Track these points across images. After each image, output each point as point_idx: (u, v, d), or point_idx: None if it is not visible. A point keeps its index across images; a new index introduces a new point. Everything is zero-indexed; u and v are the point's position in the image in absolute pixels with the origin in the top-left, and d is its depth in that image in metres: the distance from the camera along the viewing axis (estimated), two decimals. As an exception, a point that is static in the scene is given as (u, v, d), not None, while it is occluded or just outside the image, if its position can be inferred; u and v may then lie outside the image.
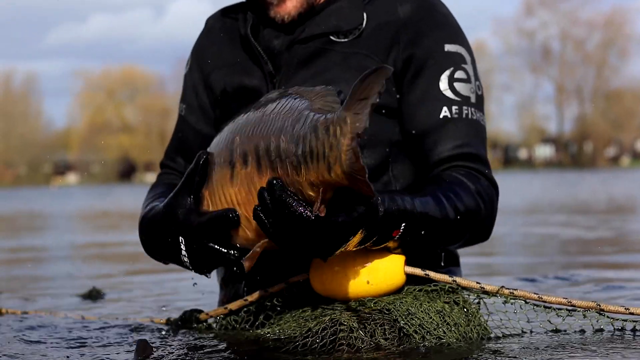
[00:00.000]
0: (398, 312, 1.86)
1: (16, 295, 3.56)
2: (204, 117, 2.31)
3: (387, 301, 1.89)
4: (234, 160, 1.79)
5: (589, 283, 3.37)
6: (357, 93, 1.57)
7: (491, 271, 4.11)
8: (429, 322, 1.87)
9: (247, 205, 1.77)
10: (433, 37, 2.10)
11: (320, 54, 2.13)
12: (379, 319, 1.84)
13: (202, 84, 2.31)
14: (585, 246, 5.52)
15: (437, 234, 1.92)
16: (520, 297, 1.94)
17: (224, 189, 1.82)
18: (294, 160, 1.64)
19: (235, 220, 1.80)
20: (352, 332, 1.81)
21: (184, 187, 1.89)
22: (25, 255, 6.30)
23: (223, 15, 2.35)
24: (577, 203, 11.91)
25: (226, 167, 1.81)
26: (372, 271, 1.90)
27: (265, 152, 1.71)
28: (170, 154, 2.39)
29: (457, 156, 2.06)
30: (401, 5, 2.13)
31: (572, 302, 1.93)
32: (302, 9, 2.14)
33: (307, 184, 1.63)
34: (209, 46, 2.32)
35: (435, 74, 2.09)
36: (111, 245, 6.98)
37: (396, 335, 1.84)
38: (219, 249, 1.85)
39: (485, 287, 1.94)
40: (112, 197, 25.44)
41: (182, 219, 1.88)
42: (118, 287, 3.81)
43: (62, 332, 2.26)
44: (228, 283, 2.24)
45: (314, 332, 1.83)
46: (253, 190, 1.74)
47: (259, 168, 1.72)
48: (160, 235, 1.94)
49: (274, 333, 1.95)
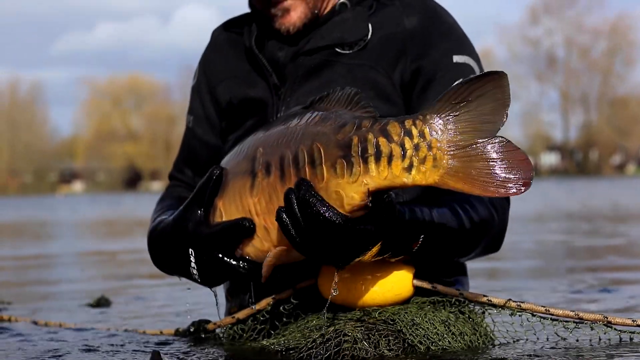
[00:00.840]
0: (403, 323, 1.86)
1: (24, 303, 3.57)
2: (212, 128, 2.32)
3: (392, 311, 1.89)
4: (255, 170, 1.79)
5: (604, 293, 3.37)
6: (453, 96, 1.58)
7: (502, 276, 4.11)
8: (433, 332, 1.87)
9: (266, 215, 1.78)
10: (441, 49, 2.10)
11: (325, 66, 2.13)
12: (383, 330, 1.84)
13: (208, 96, 2.33)
14: (597, 253, 5.52)
15: (453, 245, 1.92)
16: (528, 310, 1.94)
17: (242, 199, 1.83)
18: (340, 163, 1.64)
19: (249, 228, 1.81)
20: (356, 343, 1.81)
21: (194, 200, 1.91)
22: (32, 263, 6.31)
23: (228, 28, 2.36)
24: (585, 211, 11.89)
25: (246, 177, 1.82)
26: (381, 281, 1.90)
27: (292, 160, 1.71)
28: (179, 166, 2.41)
29: None
30: (407, 16, 2.12)
31: (580, 315, 1.94)
32: (306, 20, 2.14)
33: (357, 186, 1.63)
34: (215, 58, 2.34)
35: (445, 86, 2.06)
36: (119, 253, 6.99)
37: (400, 346, 1.83)
38: (228, 261, 1.87)
39: (493, 300, 1.95)
40: (118, 205, 25.47)
41: (192, 231, 1.90)
42: (126, 295, 3.82)
43: (72, 343, 2.26)
44: (234, 295, 2.24)
45: (318, 343, 1.83)
46: (275, 199, 1.74)
47: (282, 177, 1.73)
48: (169, 248, 1.96)
49: (279, 344, 1.95)
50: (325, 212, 1.64)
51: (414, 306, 1.93)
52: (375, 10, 2.15)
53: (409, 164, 1.60)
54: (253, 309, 2.07)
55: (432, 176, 1.59)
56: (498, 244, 2.07)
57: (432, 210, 1.86)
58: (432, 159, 1.58)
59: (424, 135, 1.59)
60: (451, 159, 1.58)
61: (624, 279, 3.95)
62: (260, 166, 1.78)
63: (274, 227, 1.77)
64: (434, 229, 1.84)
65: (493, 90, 1.58)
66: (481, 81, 1.58)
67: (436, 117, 1.59)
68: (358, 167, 1.63)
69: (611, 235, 7.19)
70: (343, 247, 1.68)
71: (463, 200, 1.96)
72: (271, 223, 1.77)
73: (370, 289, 1.90)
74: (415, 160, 1.59)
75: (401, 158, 1.60)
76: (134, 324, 2.74)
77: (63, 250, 7.77)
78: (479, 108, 1.58)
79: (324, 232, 1.65)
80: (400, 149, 1.60)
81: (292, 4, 2.12)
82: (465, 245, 1.96)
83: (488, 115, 1.58)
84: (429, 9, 2.14)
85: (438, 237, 1.85)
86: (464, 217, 1.92)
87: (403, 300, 1.93)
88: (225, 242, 1.85)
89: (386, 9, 2.14)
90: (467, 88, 1.58)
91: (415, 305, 1.93)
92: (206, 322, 2.19)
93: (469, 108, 1.58)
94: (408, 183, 1.61)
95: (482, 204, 1.99)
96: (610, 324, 1.94)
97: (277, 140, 1.77)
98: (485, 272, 4.39)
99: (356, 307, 1.92)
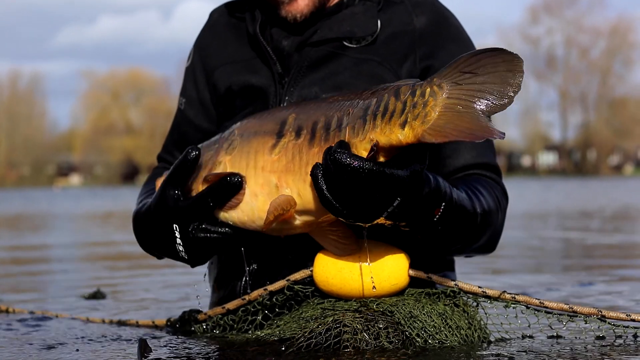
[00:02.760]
0: (401, 315, 1.86)
1: (21, 295, 3.56)
2: (204, 112, 2.31)
3: (390, 303, 1.89)
4: (283, 132, 1.83)
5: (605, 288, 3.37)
6: (461, 64, 1.61)
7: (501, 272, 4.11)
8: (431, 325, 1.87)
9: (282, 174, 1.81)
10: (450, 50, 2.13)
11: (332, 58, 2.13)
12: (382, 321, 1.84)
13: (204, 80, 2.31)
14: (596, 251, 5.52)
15: (465, 227, 1.91)
16: (522, 302, 1.94)
17: (257, 156, 1.86)
18: (358, 122, 1.70)
19: (237, 183, 1.85)
20: (356, 333, 1.80)
21: (169, 182, 1.95)
22: (30, 255, 6.31)
23: (228, 10, 2.34)
24: (584, 210, 11.90)
25: (269, 137, 1.85)
26: (377, 270, 1.90)
27: (324, 124, 1.76)
28: (168, 147, 2.40)
29: (473, 165, 2.11)
30: (417, 16, 2.15)
31: (574, 308, 1.94)
32: (313, 8, 2.14)
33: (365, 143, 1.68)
34: (213, 41, 2.32)
35: None
36: (115, 245, 6.99)
37: (400, 338, 1.83)
38: (213, 229, 1.91)
39: (487, 292, 1.95)
40: (116, 199, 25.46)
41: (172, 206, 1.93)
42: (121, 287, 3.82)
43: (67, 333, 2.27)
44: (221, 285, 2.23)
45: (318, 333, 1.81)
46: (297, 159, 1.78)
47: (311, 140, 1.77)
48: (154, 229, 1.98)
49: (274, 334, 1.94)
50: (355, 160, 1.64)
51: (410, 298, 1.92)
52: (383, 7, 2.16)
53: (404, 120, 1.64)
54: (244, 299, 2.06)
55: (419, 130, 1.62)
56: (496, 241, 2.08)
57: (451, 187, 1.86)
58: (424, 115, 1.62)
59: (424, 95, 1.64)
60: (438, 119, 1.61)
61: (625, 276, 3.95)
62: (290, 128, 1.83)
63: (286, 185, 1.81)
64: (453, 202, 1.83)
65: (504, 72, 1.60)
66: (494, 57, 1.61)
67: (441, 81, 1.64)
68: (369, 124, 1.69)
69: (610, 233, 7.19)
70: (375, 195, 1.66)
71: (474, 187, 1.98)
72: (285, 182, 1.81)
73: (367, 279, 1.90)
74: (409, 117, 1.64)
75: (399, 114, 1.65)
76: (128, 315, 2.74)
77: (59, 242, 7.76)
78: (485, 84, 1.61)
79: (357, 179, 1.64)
80: (402, 106, 1.66)
81: None
82: (473, 231, 1.95)
83: (491, 95, 1.60)
84: (437, 11, 2.18)
85: (454, 211, 1.84)
86: (476, 202, 1.94)
87: (399, 291, 1.93)
88: (209, 206, 1.88)
89: (395, 7, 2.16)
90: (478, 60, 1.61)
91: (412, 297, 1.93)
92: (197, 312, 2.18)
93: (474, 81, 1.61)
94: (402, 140, 1.65)
95: (491, 195, 2.01)
96: (604, 318, 1.94)
97: (314, 108, 1.83)
98: (482, 270, 4.39)
99: (352, 297, 1.92)
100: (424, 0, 2.18)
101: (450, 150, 2.10)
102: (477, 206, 1.93)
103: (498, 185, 2.11)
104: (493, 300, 1.95)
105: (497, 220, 2.03)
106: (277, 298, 2.02)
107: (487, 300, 1.96)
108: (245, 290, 2.12)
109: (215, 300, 2.25)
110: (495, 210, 2.02)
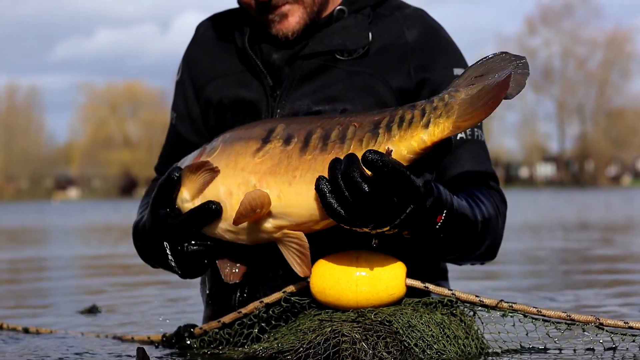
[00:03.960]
0: (399, 324, 1.85)
1: (16, 309, 3.55)
2: (193, 127, 2.31)
3: (388, 312, 1.88)
4: (270, 138, 1.85)
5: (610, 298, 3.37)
6: (472, 72, 1.71)
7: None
8: (429, 334, 1.86)
9: (264, 175, 1.83)
10: (442, 62, 2.15)
11: (323, 70, 2.13)
12: (381, 331, 1.82)
13: (193, 95, 2.30)
14: (594, 262, 5.52)
15: (465, 235, 1.92)
16: (520, 310, 1.93)
17: (238, 158, 1.87)
18: (367, 136, 1.74)
19: (216, 210, 1.88)
20: (355, 343, 1.78)
21: (156, 202, 1.99)
22: (26, 269, 6.29)
23: (215, 23, 2.33)
24: (582, 222, 11.90)
25: (254, 142, 1.87)
26: (374, 280, 1.89)
27: (322, 135, 1.78)
28: (163, 159, 2.41)
29: (472, 174, 2.11)
30: (408, 29, 2.16)
31: (572, 316, 1.93)
32: (304, 25, 2.13)
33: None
34: (202, 56, 2.31)
35: None
36: (112, 259, 6.97)
37: (399, 348, 1.82)
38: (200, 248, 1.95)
39: (485, 301, 1.94)
40: (114, 212, 25.44)
41: (162, 224, 1.97)
42: (117, 302, 3.81)
43: (61, 349, 2.25)
44: (215, 300, 2.22)
45: (316, 344, 1.80)
46: (284, 164, 1.80)
47: (304, 148, 1.79)
48: (148, 243, 2.03)
49: (272, 348, 1.92)
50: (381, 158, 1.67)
51: (408, 307, 1.92)
52: (373, 20, 2.17)
53: (426, 121, 1.70)
54: (240, 312, 2.05)
55: (446, 123, 1.68)
56: (496, 248, 2.08)
57: (452, 195, 1.88)
58: (447, 111, 1.69)
59: (444, 99, 1.71)
60: (460, 108, 1.68)
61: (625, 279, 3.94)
62: (278, 136, 1.84)
63: (267, 186, 1.82)
64: (454, 210, 1.85)
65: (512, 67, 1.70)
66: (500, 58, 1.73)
67: (457, 88, 1.71)
68: (383, 136, 1.72)
69: (608, 244, 7.19)
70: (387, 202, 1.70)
71: (474, 196, 2.00)
72: (265, 182, 1.82)
73: (364, 290, 1.89)
74: (432, 117, 1.69)
75: (420, 117, 1.70)
76: (124, 330, 2.72)
77: (56, 256, 7.75)
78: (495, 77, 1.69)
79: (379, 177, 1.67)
80: (421, 112, 1.71)
81: (290, 9, 2.11)
82: (474, 238, 1.95)
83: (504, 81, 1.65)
84: (428, 24, 2.19)
85: (456, 219, 1.85)
86: (476, 210, 1.95)
87: (397, 300, 1.93)
88: (193, 227, 1.93)
89: (385, 20, 2.17)
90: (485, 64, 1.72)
91: (410, 307, 1.92)
92: (192, 327, 2.17)
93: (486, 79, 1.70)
94: (426, 140, 1.69)
95: (491, 203, 2.03)
96: (602, 326, 1.93)
97: (306, 121, 1.85)
98: (479, 280, 4.38)
99: (350, 308, 1.91)
100: (414, 14, 2.20)
101: (448, 159, 2.11)
102: (477, 214, 1.94)
103: (496, 192, 2.12)
104: (490, 310, 1.95)
105: (497, 227, 2.05)
106: (273, 310, 2.01)
107: (485, 310, 1.95)
108: (239, 304, 2.11)
109: (209, 314, 2.24)
110: (495, 218, 2.03)
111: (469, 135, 2.13)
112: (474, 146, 2.13)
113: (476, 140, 2.14)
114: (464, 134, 2.12)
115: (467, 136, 2.12)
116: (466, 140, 2.12)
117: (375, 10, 2.19)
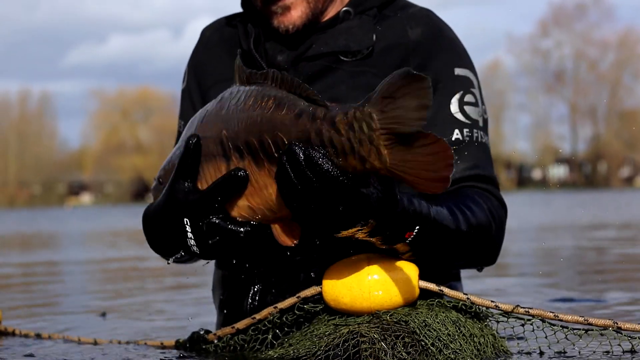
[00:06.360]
0: (415, 324, 1.83)
1: (29, 315, 3.55)
2: None
3: (403, 313, 1.86)
4: (227, 154, 1.78)
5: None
6: (383, 90, 1.60)
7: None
8: (445, 333, 1.84)
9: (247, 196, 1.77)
10: (443, 61, 2.12)
11: (328, 72, 2.12)
12: (398, 331, 1.80)
13: (200, 100, 2.28)
14: (610, 263, 5.48)
15: (448, 245, 1.90)
16: (537, 316, 1.91)
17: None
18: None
19: (243, 178, 1.75)
20: (374, 343, 1.76)
21: (178, 174, 1.84)
22: (39, 274, 6.30)
23: (220, 27, 2.32)
24: (598, 222, 11.85)
25: (220, 160, 1.79)
26: (387, 286, 1.87)
27: (259, 147, 1.72)
28: None
29: (468, 177, 2.07)
30: (411, 28, 2.14)
31: (589, 321, 1.90)
32: (306, 20, 2.12)
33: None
34: (207, 60, 2.30)
35: (446, 96, 2.10)
36: (126, 263, 6.97)
37: (417, 349, 1.79)
38: (225, 224, 1.79)
39: (500, 306, 1.92)
40: (127, 217, 25.51)
41: (182, 200, 1.83)
42: (131, 306, 3.80)
43: (75, 356, 2.24)
44: (227, 305, 2.20)
45: (335, 345, 1.78)
46: (253, 180, 1.74)
47: (256, 163, 1.73)
48: (164, 225, 1.88)
49: (288, 354, 1.91)
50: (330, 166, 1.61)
51: (423, 307, 1.90)
52: (378, 20, 2.16)
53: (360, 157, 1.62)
54: (254, 318, 2.03)
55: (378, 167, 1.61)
56: (494, 255, 2.06)
57: (431, 206, 1.85)
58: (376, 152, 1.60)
59: (363, 130, 1.61)
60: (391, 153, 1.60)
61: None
62: (230, 150, 1.77)
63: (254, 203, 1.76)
64: (430, 223, 1.82)
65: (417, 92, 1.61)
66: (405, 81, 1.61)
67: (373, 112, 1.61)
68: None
69: (624, 245, 7.15)
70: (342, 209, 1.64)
71: (462, 203, 1.95)
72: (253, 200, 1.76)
73: (377, 294, 1.87)
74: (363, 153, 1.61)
75: (352, 153, 1.62)
76: (137, 335, 2.71)
77: (69, 260, 7.76)
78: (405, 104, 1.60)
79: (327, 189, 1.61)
80: (349, 144, 1.62)
81: (293, 2, 2.11)
82: (460, 246, 1.93)
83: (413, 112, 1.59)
84: (432, 23, 2.16)
85: (433, 232, 1.83)
86: (461, 219, 1.91)
87: (411, 302, 1.91)
88: (218, 201, 1.78)
89: (389, 20, 2.15)
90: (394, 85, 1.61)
91: (425, 307, 1.90)
92: (207, 333, 2.15)
93: (397, 105, 1.60)
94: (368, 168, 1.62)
95: (481, 210, 1.98)
96: (620, 330, 1.90)
97: (238, 122, 1.76)
98: (491, 284, 4.35)
99: (364, 314, 1.89)
100: (419, 13, 2.17)
101: None
102: (461, 224, 1.91)
103: (493, 197, 2.07)
104: (506, 315, 1.93)
105: (490, 234, 2.00)
106: (287, 317, 1.99)
107: (501, 315, 1.93)
108: (252, 309, 2.09)
109: (221, 320, 2.22)
110: (487, 224, 1.99)
111: (466, 136, 2.07)
112: (472, 149, 2.08)
113: (475, 142, 2.09)
114: (459, 135, 2.07)
115: (465, 137, 2.07)
116: (462, 142, 2.07)
117: (381, 11, 2.17)
